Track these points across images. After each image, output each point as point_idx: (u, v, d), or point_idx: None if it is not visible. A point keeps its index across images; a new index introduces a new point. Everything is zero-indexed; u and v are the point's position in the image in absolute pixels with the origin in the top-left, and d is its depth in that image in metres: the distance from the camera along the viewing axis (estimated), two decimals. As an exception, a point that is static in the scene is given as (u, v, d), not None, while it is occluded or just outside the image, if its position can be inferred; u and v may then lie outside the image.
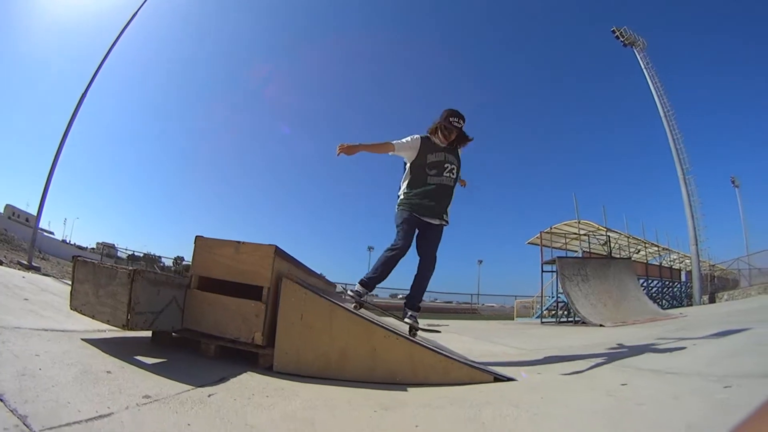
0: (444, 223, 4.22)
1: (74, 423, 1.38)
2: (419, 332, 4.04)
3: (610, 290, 12.88)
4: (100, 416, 1.47)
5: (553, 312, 16.70)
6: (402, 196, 4.22)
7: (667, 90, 29.95)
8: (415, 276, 4.25)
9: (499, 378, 2.95)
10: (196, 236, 3.05)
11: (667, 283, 29.58)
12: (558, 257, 14.88)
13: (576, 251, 22.45)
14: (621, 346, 5.14)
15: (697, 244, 26.51)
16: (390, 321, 4.24)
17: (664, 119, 28.11)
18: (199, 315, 2.88)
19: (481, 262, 75.94)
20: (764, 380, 2.43)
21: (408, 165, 4.21)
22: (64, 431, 1.32)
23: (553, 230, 22.13)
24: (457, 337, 6.90)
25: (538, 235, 19.31)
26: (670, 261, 33.83)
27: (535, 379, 3.18)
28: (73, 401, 1.56)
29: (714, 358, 3.62)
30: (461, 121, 4.24)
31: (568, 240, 23.02)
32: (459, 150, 4.33)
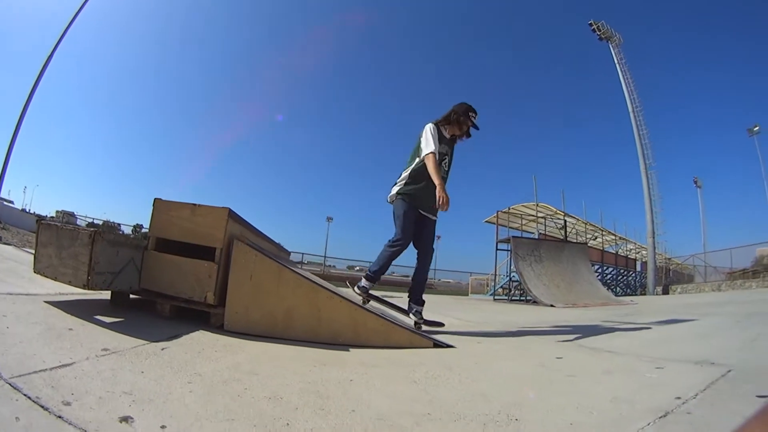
0: (436, 218, 4.31)
1: (40, 371, 1.52)
2: (422, 325, 4.09)
3: (563, 272, 13.18)
4: (63, 365, 1.61)
5: (507, 290, 17.05)
6: (405, 187, 4.18)
7: (639, 86, 30.63)
8: (416, 270, 4.35)
9: (438, 344, 3.06)
10: (155, 198, 3.09)
11: (622, 271, 30.46)
12: (513, 236, 15.10)
13: (532, 233, 22.87)
14: (567, 325, 5.27)
15: (654, 237, 27.39)
16: (348, 292, 4.33)
17: (631, 114, 28.73)
18: (156, 275, 2.94)
19: (439, 237, 75.69)
20: (696, 366, 2.51)
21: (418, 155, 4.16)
22: (32, 378, 1.45)
23: (511, 211, 22.39)
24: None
25: (496, 214, 19.57)
26: (627, 250, 34.83)
27: (474, 348, 3.30)
28: (38, 354, 1.71)
29: (653, 341, 3.83)
30: (476, 118, 4.34)
31: (525, 221, 23.32)
32: (456, 143, 4.34)
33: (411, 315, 4.14)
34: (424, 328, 4.05)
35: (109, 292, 3.07)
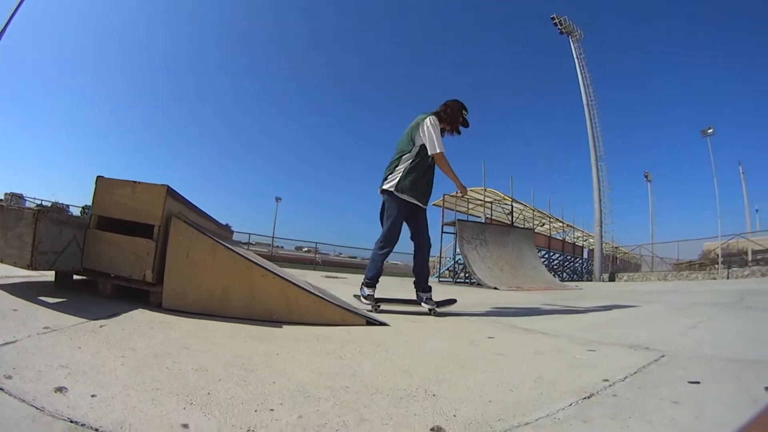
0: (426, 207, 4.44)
1: (-16, 349, 1.63)
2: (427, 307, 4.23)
3: (507, 256, 13.49)
4: (6, 343, 1.71)
5: (453, 272, 17.34)
6: (405, 182, 4.16)
7: (596, 81, 32.01)
8: (416, 261, 4.46)
9: (372, 322, 3.17)
10: (98, 176, 3.07)
11: (569, 257, 31.32)
12: (458, 220, 15.30)
13: (479, 217, 23.26)
14: (506, 307, 5.45)
15: (601, 226, 28.49)
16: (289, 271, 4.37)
17: (586, 107, 29.80)
18: (98, 254, 2.95)
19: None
20: (630, 350, 2.55)
21: (419, 148, 4.20)
22: (-24, 355, 1.56)
23: (458, 194, 22.56)
24: (349, 288, 7.11)
25: (442, 197, 19.85)
26: (575, 238, 35.85)
27: (407, 326, 3.38)
28: (-17, 333, 1.82)
29: (590, 325, 3.89)
30: (467, 116, 4.51)
31: (472, 206, 23.66)
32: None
33: (423, 304, 4.24)
34: (438, 310, 4.20)
35: (54, 274, 3.09)
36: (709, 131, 29.36)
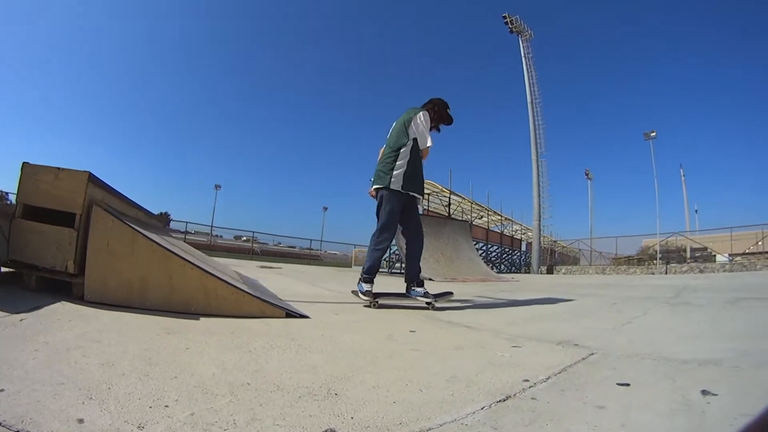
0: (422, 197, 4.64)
1: None
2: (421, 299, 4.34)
3: (443, 248, 13.66)
4: None
5: (390, 262, 17.58)
6: (407, 177, 4.34)
7: (542, 80, 33.22)
8: (409, 252, 4.59)
9: (291, 314, 3.17)
10: (24, 162, 3.02)
11: (507, 249, 32.31)
12: (393, 211, 15.56)
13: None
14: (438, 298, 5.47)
15: (540, 220, 29.55)
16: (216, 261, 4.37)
17: (530, 104, 30.79)
18: (23, 245, 2.92)
19: (326, 209, 75.96)
20: (558, 347, 2.49)
21: (413, 141, 4.40)
22: None
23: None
24: (282, 279, 7.20)
25: None
26: (513, 231, 36.85)
27: (329, 319, 3.39)
28: None
29: (519, 319, 3.86)
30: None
31: None
32: None
33: (419, 299, 4.33)
34: (437, 303, 4.28)
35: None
36: (652, 134, 30.87)
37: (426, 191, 23.87)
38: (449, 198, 23.87)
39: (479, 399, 1.55)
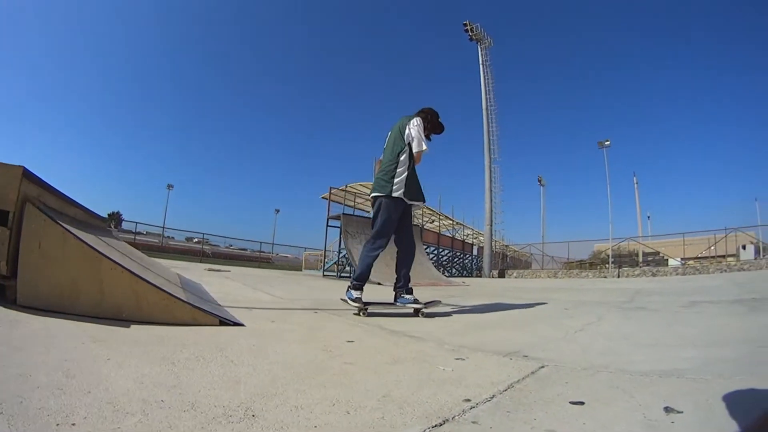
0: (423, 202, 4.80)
1: None
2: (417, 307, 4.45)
3: (393, 252, 13.71)
4: None
5: (341, 266, 17.61)
6: (402, 186, 4.48)
7: (499, 89, 34.03)
8: (402, 263, 4.72)
9: (225, 322, 3.08)
10: None
11: (458, 253, 32.70)
12: (343, 213, 15.67)
13: (368, 212, 23.83)
14: (385, 305, 5.17)
15: (491, 224, 30.17)
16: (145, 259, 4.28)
17: (485, 111, 31.42)
18: None
19: (278, 211, 75.52)
20: (505, 359, 2.42)
21: (409, 149, 4.53)
22: None
23: (348, 189, 23.33)
24: (227, 282, 7.11)
25: (329, 190, 20.04)
26: (464, 235, 37.37)
27: (264, 327, 3.28)
28: None
29: (466, 326, 3.80)
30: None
31: (362, 200, 24.23)
32: None
33: (407, 306, 4.41)
34: (426, 310, 4.43)
35: None
36: (606, 143, 31.96)
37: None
38: (400, 202, 24.08)
39: (412, 423, 1.44)
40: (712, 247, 29.62)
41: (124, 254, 3.71)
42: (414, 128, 4.55)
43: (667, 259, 32.12)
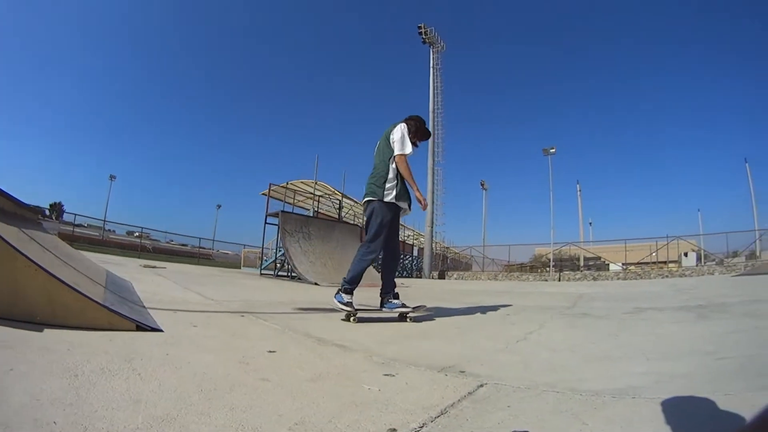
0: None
1: None
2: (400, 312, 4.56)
3: (331, 252, 14.01)
4: None
5: (280, 264, 17.51)
6: (393, 191, 4.59)
7: (447, 93, 34.16)
8: (389, 268, 4.81)
9: (142, 327, 2.88)
10: None
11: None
12: (282, 211, 15.45)
13: (308, 210, 23.79)
14: (315, 307, 5.35)
15: (432, 226, 30.65)
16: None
17: (431, 114, 32.06)
18: None
19: (219, 206, 74.41)
20: (440, 375, 2.23)
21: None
22: None
23: (289, 186, 23.25)
24: (158, 281, 6.93)
25: (269, 187, 19.92)
26: (405, 236, 37.78)
27: (184, 332, 3.06)
28: None
29: (398, 334, 3.66)
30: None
31: (302, 198, 24.60)
32: None
33: (395, 311, 4.55)
34: (413, 315, 4.51)
35: None
36: (552, 150, 32.80)
37: (318, 193, 24.02)
38: (340, 201, 24.09)
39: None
40: (654, 254, 30.78)
41: (46, 250, 3.46)
42: (397, 133, 4.68)
43: (608, 264, 33.32)
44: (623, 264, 31.30)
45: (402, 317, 4.51)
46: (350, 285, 4.43)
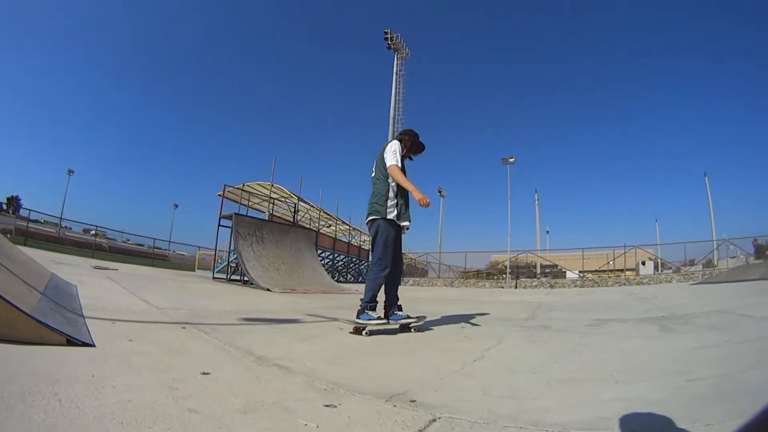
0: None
1: None
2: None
3: (285, 256, 13.73)
4: None
5: (233, 267, 17.25)
6: (395, 209, 4.66)
7: (409, 99, 34.49)
8: (393, 282, 4.83)
9: (73, 341, 2.62)
10: None
11: (354, 259, 33.07)
12: (235, 213, 15.21)
13: (263, 212, 23.61)
14: (262, 317, 5.17)
15: (388, 232, 30.50)
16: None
17: (391, 120, 32.45)
18: None
19: (176, 206, 73.14)
20: (386, 405, 1.95)
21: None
22: None
23: (245, 188, 23.03)
24: (106, 284, 6.68)
25: (223, 188, 19.77)
26: (361, 241, 37.95)
27: (118, 347, 2.76)
28: None
29: (345, 351, 3.38)
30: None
31: (258, 200, 24.40)
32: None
33: (400, 322, 4.61)
34: (402, 321, 4.62)
35: None
36: (511, 160, 33.25)
37: (274, 195, 23.83)
38: (296, 204, 23.93)
39: None
40: (611, 262, 31.46)
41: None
42: (388, 150, 4.74)
43: (565, 272, 33.92)
44: (580, 272, 31.93)
45: (405, 328, 4.62)
46: (373, 302, 4.51)
